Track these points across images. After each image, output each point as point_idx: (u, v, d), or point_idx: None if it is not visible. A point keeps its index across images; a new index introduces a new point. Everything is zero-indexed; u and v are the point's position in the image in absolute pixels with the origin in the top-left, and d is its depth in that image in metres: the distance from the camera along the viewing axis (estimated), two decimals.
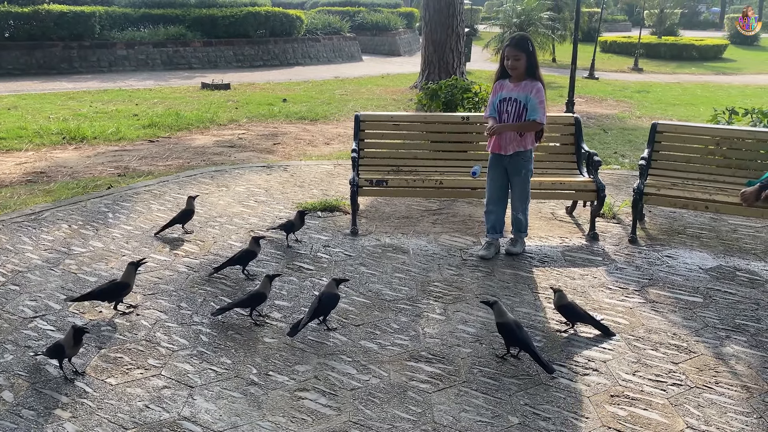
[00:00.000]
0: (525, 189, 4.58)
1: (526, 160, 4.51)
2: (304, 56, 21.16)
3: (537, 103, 4.33)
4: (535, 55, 4.38)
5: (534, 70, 4.37)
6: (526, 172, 4.53)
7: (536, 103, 4.33)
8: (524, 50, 4.32)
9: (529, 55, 4.33)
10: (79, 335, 3.04)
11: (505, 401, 2.96)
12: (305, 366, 3.20)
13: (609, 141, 9.28)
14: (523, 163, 4.51)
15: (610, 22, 42.49)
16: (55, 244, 4.66)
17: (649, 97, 15.09)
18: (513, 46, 4.35)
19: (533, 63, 4.36)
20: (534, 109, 4.34)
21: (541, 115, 4.35)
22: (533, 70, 4.37)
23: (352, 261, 4.49)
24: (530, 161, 4.54)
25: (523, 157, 4.50)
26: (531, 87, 4.35)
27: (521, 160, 4.50)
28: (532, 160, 4.57)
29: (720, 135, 5.22)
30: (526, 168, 4.52)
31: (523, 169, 4.52)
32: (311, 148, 8.45)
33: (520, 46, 4.34)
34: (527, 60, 4.33)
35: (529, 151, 4.51)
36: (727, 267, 4.54)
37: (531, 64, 4.35)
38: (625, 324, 3.70)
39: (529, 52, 4.33)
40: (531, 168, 4.56)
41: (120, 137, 8.68)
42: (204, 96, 12.82)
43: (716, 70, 24.27)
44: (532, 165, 4.57)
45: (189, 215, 4.92)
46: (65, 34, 16.76)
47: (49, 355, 3.07)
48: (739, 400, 3.01)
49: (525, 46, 4.34)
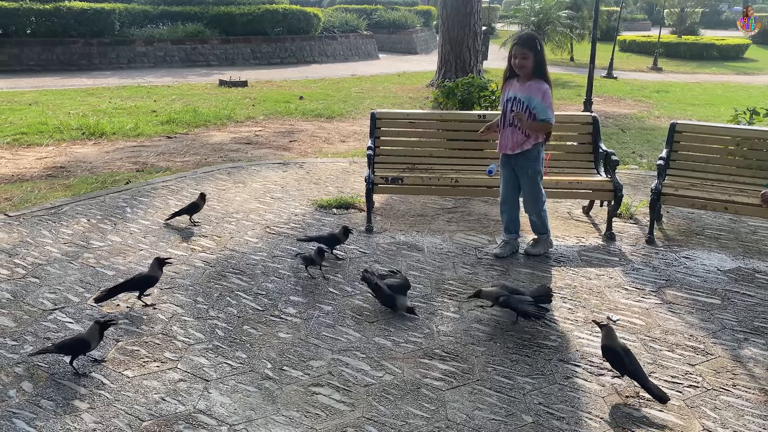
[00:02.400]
0: (534, 190, 4.49)
1: (532, 160, 4.42)
2: (321, 54, 21.21)
3: (546, 106, 4.24)
4: (543, 54, 4.28)
5: (541, 69, 4.28)
6: (534, 172, 4.44)
7: (545, 106, 4.24)
8: (532, 49, 4.23)
9: (536, 54, 4.23)
10: (104, 329, 3.16)
11: (519, 400, 2.95)
12: (319, 361, 3.21)
13: (627, 141, 9.20)
14: (528, 162, 4.42)
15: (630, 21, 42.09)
16: (75, 238, 4.72)
17: (668, 97, 14.93)
18: (521, 45, 4.25)
19: (541, 62, 4.26)
20: (543, 111, 4.24)
21: (551, 115, 4.27)
22: (540, 69, 4.27)
23: (366, 258, 4.50)
24: (537, 161, 4.44)
25: (527, 157, 4.41)
26: (537, 89, 4.25)
27: (526, 160, 4.42)
28: (539, 160, 4.46)
29: (740, 135, 5.15)
30: (532, 168, 4.43)
31: (530, 169, 4.44)
32: (327, 145, 8.48)
33: (528, 44, 4.24)
34: (535, 59, 4.23)
35: (534, 149, 4.40)
36: (746, 269, 4.48)
37: (539, 63, 4.25)
38: (642, 325, 3.67)
39: (537, 51, 4.23)
40: (539, 168, 4.46)
41: (138, 133, 8.77)
42: (221, 93, 12.91)
43: (737, 70, 23.94)
44: (540, 165, 4.47)
45: (196, 208, 5.06)
46: (85, 31, 16.95)
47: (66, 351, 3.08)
48: (757, 403, 2.98)
49: (533, 44, 4.24)
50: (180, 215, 5.04)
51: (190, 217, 5.08)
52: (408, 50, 26.31)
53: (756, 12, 42.73)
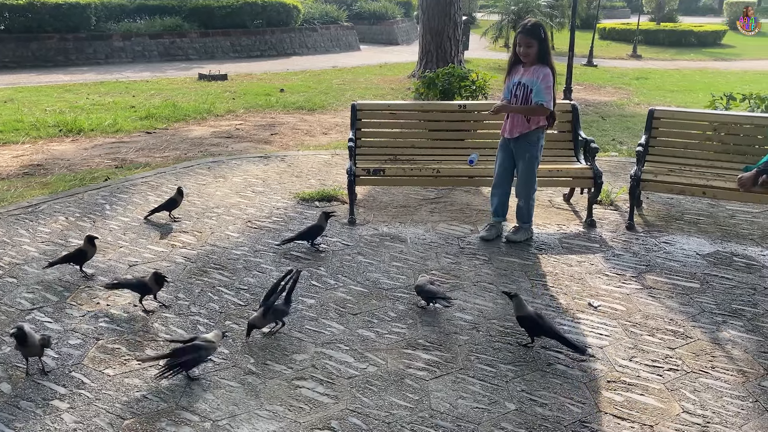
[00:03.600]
0: (529, 175, 4.56)
1: (531, 144, 4.49)
2: (302, 46, 21.07)
3: (543, 87, 4.33)
4: (547, 41, 4.42)
5: (545, 56, 4.39)
6: (531, 157, 4.51)
7: (542, 87, 4.33)
8: (537, 37, 4.34)
9: (540, 42, 4.35)
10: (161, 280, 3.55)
11: (502, 388, 2.97)
12: (303, 355, 3.21)
13: (607, 128, 9.26)
14: (527, 146, 4.49)
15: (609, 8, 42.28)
16: (53, 237, 4.66)
17: (647, 84, 15.04)
18: (525, 33, 4.36)
19: (545, 49, 4.39)
20: (539, 93, 4.33)
21: (547, 98, 4.35)
22: (545, 56, 4.39)
23: (349, 250, 4.49)
24: (535, 147, 4.51)
25: (527, 140, 4.48)
26: (539, 72, 4.36)
27: (525, 143, 4.49)
28: (538, 146, 4.53)
29: (717, 121, 5.21)
30: (530, 153, 4.50)
31: (527, 153, 4.50)
32: (309, 138, 8.43)
33: (533, 33, 4.35)
34: (539, 46, 4.35)
35: (534, 134, 4.47)
36: (724, 252, 4.54)
37: (543, 50, 4.37)
38: (622, 310, 3.70)
39: (542, 39, 4.35)
40: (536, 155, 4.53)
41: (117, 129, 8.66)
42: (201, 87, 12.78)
43: (715, 56, 24.17)
44: (538, 152, 4.54)
45: (174, 204, 5.01)
46: (61, 26, 16.66)
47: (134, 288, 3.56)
48: (735, 385, 3.02)
49: (537, 33, 4.35)
50: (159, 211, 4.99)
51: (170, 213, 5.04)
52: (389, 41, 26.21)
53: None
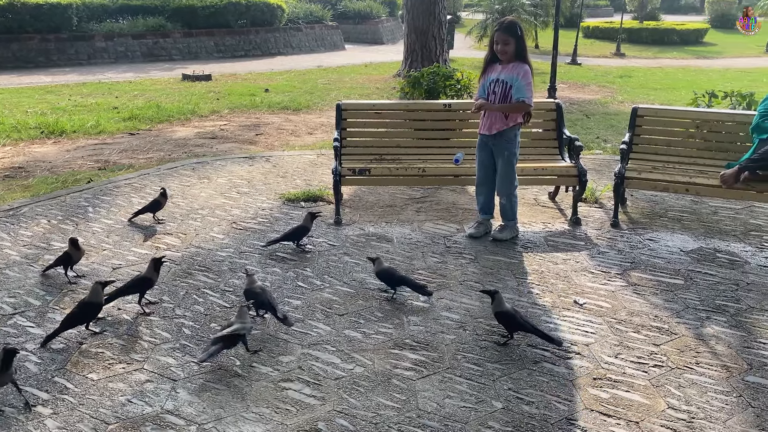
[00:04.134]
0: (508, 172, 4.59)
1: (509, 141, 4.53)
2: (286, 46, 20.99)
3: (524, 84, 4.39)
4: (523, 39, 4.48)
5: (523, 53, 4.45)
6: (509, 154, 4.54)
7: (523, 84, 4.39)
8: (513, 35, 4.40)
9: (518, 40, 4.41)
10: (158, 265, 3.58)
11: (489, 386, 2.97)
12: (289, 357, 3.19)
13: (591, 126, 9.31)
14: (505, 144, 4.53)
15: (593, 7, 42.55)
16: (34, 240, 4.60)
17: (631, 82, 15.15)
18: (502, 31, 4.43)
19: (522, 47, 4.45)
20: (520, 90, 4.39)
21: (528, 95, 4.41)
22: (522, 53, 4.45)
23: (335, 250, 4.47)
24: (513, 143, 4.55)
25: (505, 138, 4.51)
26: (518, 69, 4.42)
27: (504, 141, 4.52)
28: (516, 143, 4.58)
29: (700, 118, 5.26)
30: (509, 150, 4.54)
31: (506, 151, 4.53)
32: (294, 138, 8.40)
33: (510, 30, 4.41)
34: (516, 44, 4.41)
35: (511, 131, 4.52)
36: (707, 249, 4.58)
37: (519, 47, 4.43)
38: (608, 307, 3.72)
39: (518, 37, 4.41)
40: (515, 151, 4.57)
41: (100, 130, 8.57)
42: (185, 87, 12.68)
43: (697, 54, 24.42)
44: (516, 148, 4.58)
45: (158, 205, 4.97)
46: (42, 27, 16.47)
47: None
48: (719, 380, 3.05)
49: (514, 30, 4.41)
50: (143, 213, 4.94)
51: (154, 214, 4.99)
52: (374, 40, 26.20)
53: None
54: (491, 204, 4.77)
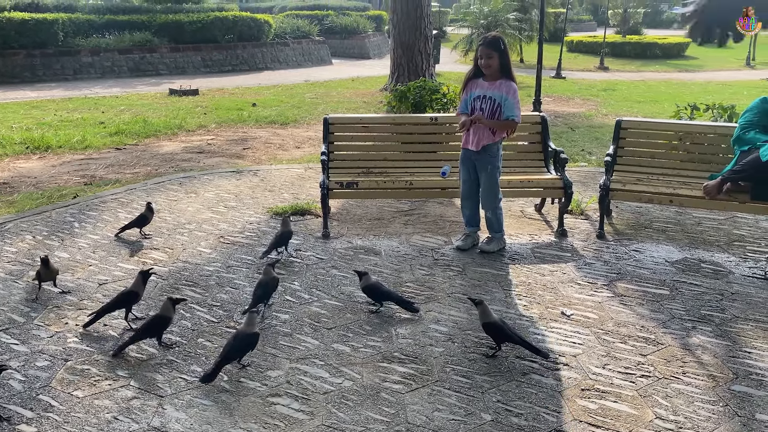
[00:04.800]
0: (492, 186, 4.62)
1: (492, 156, 4.56)
2: (274, 60, 21.05)
3: (514, 102, 4.45)
4: (507, 54, 4.51)
5: (507, 68, 4.49)
6: (492, 168, 4.58)
7: (513, 102, 4.45)
8: (496, 49, 4.44)
9: (501, 54, 4.45)
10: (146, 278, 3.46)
11: (478, 399, 2.97)
12: (277, 371, 3.17)
13: (576, 139, 9.41)
14: (488, 158, 4.56)
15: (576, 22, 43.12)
16: (19, 256, 4.55)
17: (614, 95, 15.34)
18: (486, 46, 4.47)
19: (506, 62, 4.49)
20: (510, 108, 4.44)
21: (518, 113, 4.48)
22: (506, 69, 4.49)
23: (323, 264, 4.47)
24: (497, 158, 4.59)
25: (489, 152, 4.55)
26: (507, 87, 4.46)
27: (487, 156, 4.55)
28: (499, 157, 4.62)
29: (682, 130, 5.33)
30: (492, 164, 4.57)
31: (489, 165, 4.57)
32: (282, 152, 8.41)
33: (493, 45, 4.45)
34: (500, 59, 4.45)
35: (495, 146, 4.57)
36: (692, 259, 4.63)
37: (504, 62, 4.47)
38: (595, 318, 3.75)
39: (501, 51, 4.45)
40: (498, 165, 4.61)
41: (86, 146, 8.53)
42: (172, 102, 12.67)
43: (679, 67, 24.79)
44: (499, 162, 4.62)
45: (145, 220, 4.95)
46: (27, 42, 16.40)
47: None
48: (706, 390, 3.07)
49: (497, 45, 4.45)
50: (129, 228, 4.92)
51: (140, 229, 4.97)
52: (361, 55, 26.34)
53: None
54: (477, 216, 4.80)
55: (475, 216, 4.79)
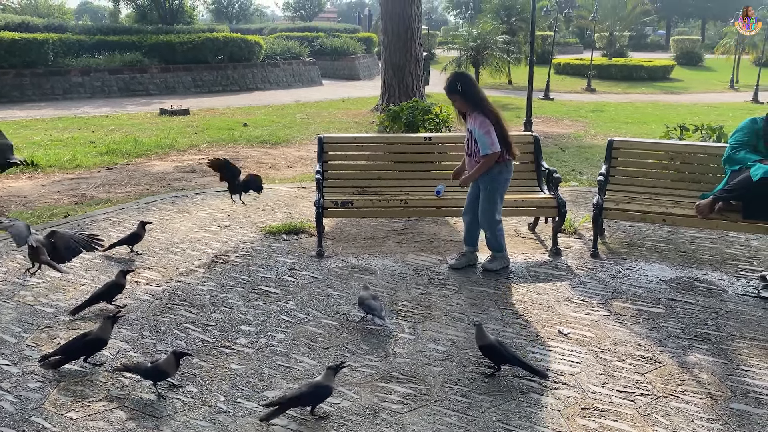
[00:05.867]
0: (489, 205, 4.61)
1: (492, 178, 4.56)
2: (264, 81, 21.15)
3: (483, 133, 4.41)
4: (469, 91, 4.47)
5: (474, 103, 4.47)
6: (491, 190, 4.57)
7: (482, 134, 4.42)
8: (453, 92, 4.50)
9: (461, 95, 4.47)
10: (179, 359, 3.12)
11: (478, 418, 2.95)
12: (274, 392, 3.13)
13: (567, 159, 9.49)
14: (488, 180, 4.57)
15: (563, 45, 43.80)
16: (9, 276, 4.49)
17: (603, 116, 15.53)
18: (445, 91, 4.58)
19: (469, 98, 4.48)
20: (483, 145, 4.43)
21: (488, 144, 4.40)
22: (473, 103, 4.47)
23: (318, 283, 4.45)
24: (495, 180, 4.56)
25: (489, 174, 4.56)
26: (476, 120, 4.46)
27: (487, 177, 4.57)
28: (499, 179, 4.58)
29: (673, 150, 5.40)
30: (491, 186, 4.57)
31: (488, 186, 4.58)
32: (274, 171, 8.40)
33: (449, 89, 4.53)
34: (462, 98, 4.48)
35: (495, 168, 4.53)
36: (685, 278, 4.66)
37: (467, 100, 4.48)
38: (592, 337, 3.74)
39: (460, 93, 4.47)
40: (497, 186, 4.58)
41: (76, 165, 8.48)
42: (162, 122, 12.66)
43: (665, 89, 25.18)
44: (499, 184, 4.59)
45: (137, 238, 4.95)
46: (17, 62, 16.39)
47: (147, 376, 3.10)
48: (705, 408, 3.07)
49: (453, 88, 4.49)
50: (120, 245, 4.88)
51: (131, 247, 4.92)
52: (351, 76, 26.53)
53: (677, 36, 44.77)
54: (475, 234, 4.80)
55: (473, 233, 4.79)
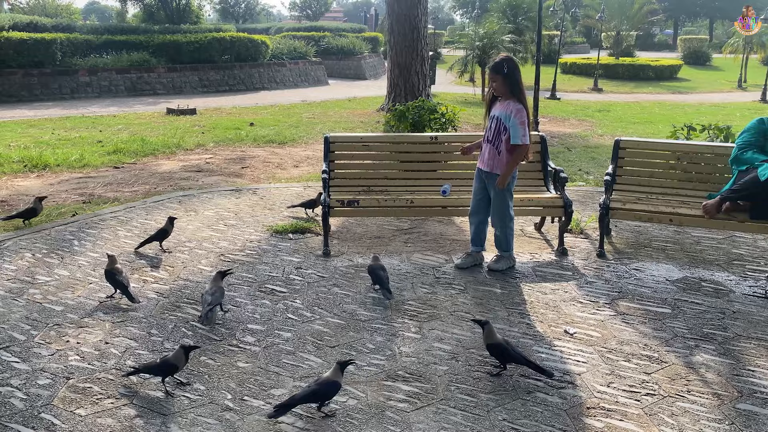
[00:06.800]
0: (500, 205, 4.62)
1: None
2: (270, 81, 21.19)
3: (518, 124, 4.39)
4: (513, 75, 4.43)
5: (514, 90, 4.45)
6: (503, 189, 4.57)
7: (517, 124, 4.39)
8: (499, 72, 4.44)
9: (505, 77, 4.42)
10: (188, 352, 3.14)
11: (484, 417, 2.96)
12: (281, 389, 3.15)
13: (573, 159, 9.47)
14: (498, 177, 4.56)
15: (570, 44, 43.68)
16: (19, 274, 4.53)
17: (609, 116, 15.49)
18: (491, 69, 4.52)
19: (512, 83, 4.44)
20: (515, 133, 4.40)
21: (521, 135, 4.40)
22: (514, 90, 4.45)
23: (325, 282, 4.46)
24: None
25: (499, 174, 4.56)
26: (511, 107, 4.43)
27: (497, 175, 4.56)
28: (510, 178, 4.59)
29: (681, 150, 5.38)
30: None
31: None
32: (280, 171, 8.43)
33: (495, 69, 4.47)
34: (504, 81, 4.44)
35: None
36: (692, 278, 4.65)
37: (510, 84, 4.44)
38: (598, 337, 3.74)
39: (504, 74, 4.42)
40: (509, 186, 4.59)
41: (84, 164, 8.53)
42: (169, 121, 12.71)
43: (672, 89, 25.08)
44: (510, 184, 4.60)
45: (165, 234, 5.00)
46: (25, 62, 16.50)
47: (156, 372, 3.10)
48: (711, 408, 3.07)
49: (499, 68, 4.43)
50: (149, 243, 4.95)
51: (160, 243, 4.99)
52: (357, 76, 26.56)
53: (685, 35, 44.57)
54: (482, 235, 4.79)
55: (480, 234, 4.78)
